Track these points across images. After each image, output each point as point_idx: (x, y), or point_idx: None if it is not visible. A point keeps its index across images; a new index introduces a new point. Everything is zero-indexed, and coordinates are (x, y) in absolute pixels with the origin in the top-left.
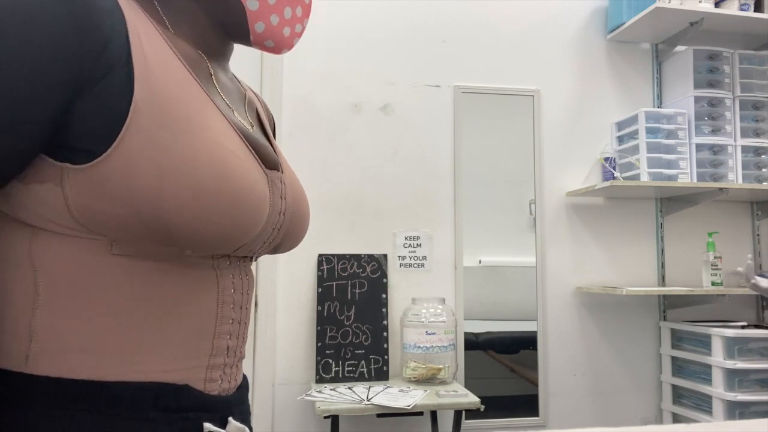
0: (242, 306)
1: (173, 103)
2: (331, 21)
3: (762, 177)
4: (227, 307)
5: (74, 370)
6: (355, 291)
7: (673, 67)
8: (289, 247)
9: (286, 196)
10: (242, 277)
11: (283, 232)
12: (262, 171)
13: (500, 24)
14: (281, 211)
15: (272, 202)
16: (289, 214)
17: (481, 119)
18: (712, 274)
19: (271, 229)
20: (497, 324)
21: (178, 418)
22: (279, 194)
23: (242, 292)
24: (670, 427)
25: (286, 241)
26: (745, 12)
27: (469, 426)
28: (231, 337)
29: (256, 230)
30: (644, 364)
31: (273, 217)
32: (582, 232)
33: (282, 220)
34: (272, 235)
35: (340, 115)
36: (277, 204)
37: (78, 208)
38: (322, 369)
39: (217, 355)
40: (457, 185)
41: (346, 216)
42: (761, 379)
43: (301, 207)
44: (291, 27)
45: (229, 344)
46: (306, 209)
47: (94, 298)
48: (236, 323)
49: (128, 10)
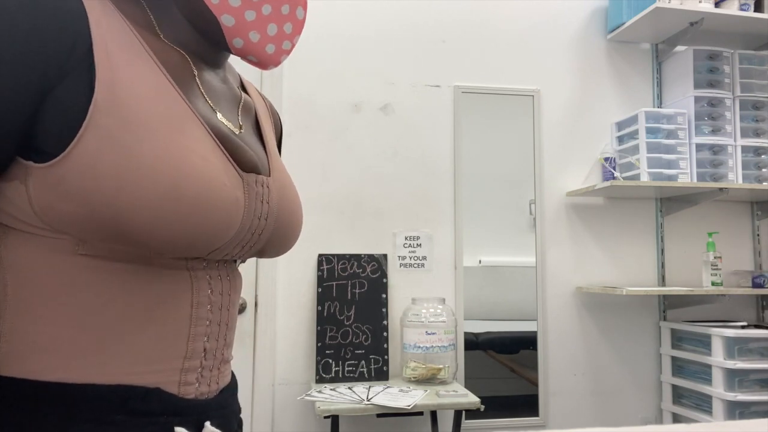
0: (222, 307)
1: (138, 105)
2: (332, 21)
3: (762, 177)
4: (203, 308)
5: (40, 371)
6: (355, 291)
7: (673, 67)
8: (276, 252)
9: (270, 200)
10: (222, 279)
11: (266, 236)
12: (236, 174)
13: (500, 24)
14: (262, 216)
15: (248, 206)
16: (273, 218)
17: (481, 119)
18: (712, 274)
19: (250, 233)
20: (497, 324)
21: (146, 422)
22: (259, 198)
23: (222, 294)
24: (670, 427)
25: (271, 246)
26: (745, 12)
27: (469, 426)
28: (209, 339)
29: (228, 234)
30: (644, 364)
31: (249, 221)
32: (582, 232)
33: (263, 225)
34: (251, 239)
35: (340, 115)
36: (256, 208)
37: (40, 207)
38: (322, 369)
39: (193, 357)
40: (457, 185)
41: (346, 216)
42: (761, 379)
43: (290, 212)
44: (277, 44)
45: (206, 346)
46: (297, 216)
47: (60, 299)
48: (215, 325)
49: (96, 12)
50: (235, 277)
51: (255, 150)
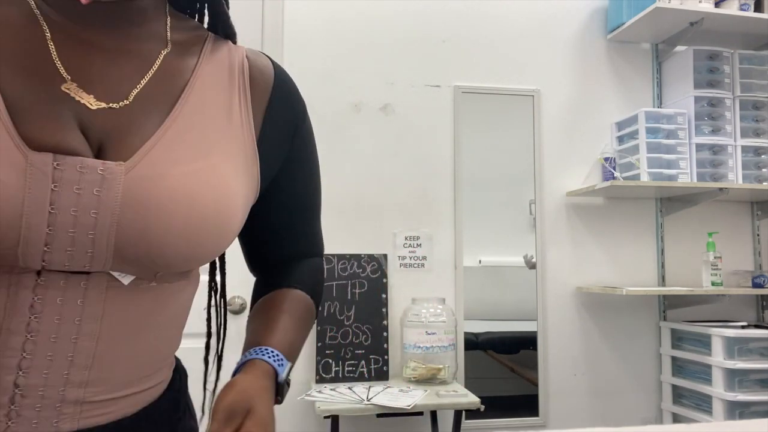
0: (51, 337)
1: None
2: (331, 21)
3: (762, 177)
4: (14, 337)
5: None
6: (355, 291)
7: (673, 67)
8: (161, 266)
9: (107, 192)
10: (68, 303)
11: (106, 241)
12: (15, 151)
13: (500, 24)
14: (81, 210)
15: (31, 193)
16: (111, 216)
17: (481, 119)
18: (712, 274)
19: (63, 231)
20: (497, 324)
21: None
22: (69, 185)
23: (61, 321)
24: (670, 427)
25: (135, 258)
26: (745, 12)
27: (469, 426)
28: (24, 372)
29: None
30: (644, 364)
31: (38, 212)
32: (582, 232)
33: (91, 223)
34: (71, 242)
35: (340, 115)
36: (59, 198)
37: None
38: (322, 369)
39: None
40: (457, 185)
41: (346, 216)
42: (761, 379)
43: (164, 213)
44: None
45: (19, 381)
46: (164, 220)
47: None
48: (41, 358)
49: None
50: (89, 299)
51: (121, 127)
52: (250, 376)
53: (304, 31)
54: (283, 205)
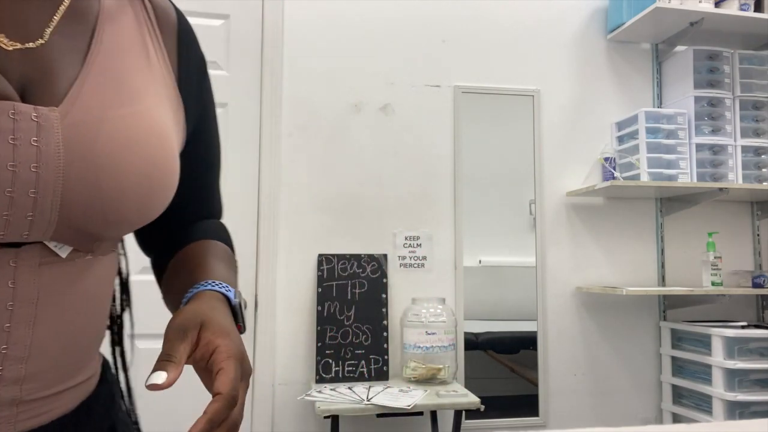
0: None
1: None
2: (331, 21)
3: (762, 177)
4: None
5: None
6: (355, 291)
7: (673, 67)
8: (104, 226)
9: (47, 141)
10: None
11: (51, 198)
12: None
13: (500, 24)
14: (20, 163)
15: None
16: (55, 168)
17: (481, 119)
18: (712, 274)
19: (0, 192)
20: (497, 324)
21: None
22: (6, 134)
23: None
24: (670, 427)
25: (82, 216)
26: (745, 12)
27: (469, 426)
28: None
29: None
30: (644, 364)
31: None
32: (582, 232)
33: (32, 179)
34: (3, 205)
35: (340, 115)
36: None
37: None
38: (322, 369)
39: None
40: (457, 185)
41: (346, 216)
42: (761, 379)
43: (101, 162)
44: None
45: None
46: (117, 169)
47: None
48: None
49: None
50: (33, 282)
51: (44, 68)
52: (197, 301)
53: (304, 31)
54: (201, 159)
